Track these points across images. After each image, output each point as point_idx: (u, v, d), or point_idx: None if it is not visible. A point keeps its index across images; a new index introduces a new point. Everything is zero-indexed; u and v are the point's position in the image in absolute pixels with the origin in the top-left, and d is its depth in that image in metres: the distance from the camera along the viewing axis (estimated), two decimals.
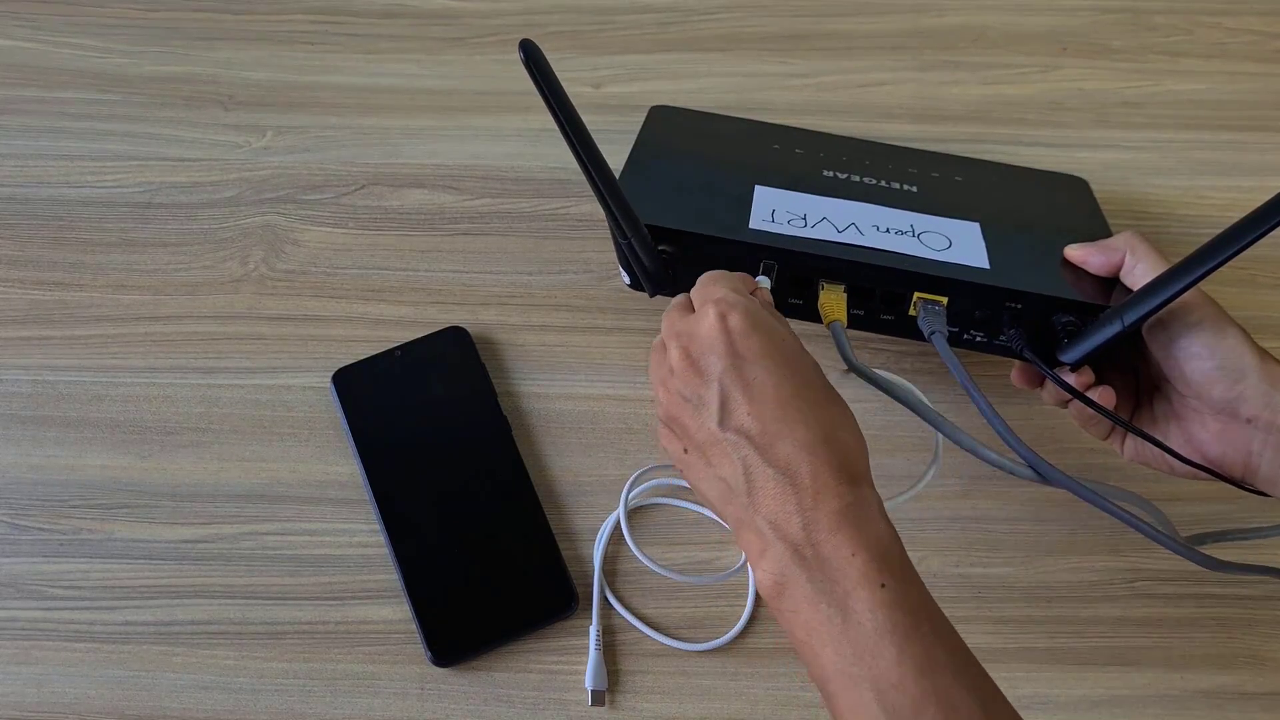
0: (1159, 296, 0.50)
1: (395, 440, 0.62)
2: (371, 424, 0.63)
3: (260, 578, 0.60)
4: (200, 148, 0.72)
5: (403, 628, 0.59)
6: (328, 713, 0.57)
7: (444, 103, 0.74)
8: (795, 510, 0.41)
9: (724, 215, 0.57)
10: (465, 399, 0.64)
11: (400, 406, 0.63)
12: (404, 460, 0.62)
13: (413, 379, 0.64)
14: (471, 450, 0.62)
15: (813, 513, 0.41)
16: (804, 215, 0.58)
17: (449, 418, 0.63)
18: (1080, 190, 0.68)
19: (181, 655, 0.58)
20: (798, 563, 0.41)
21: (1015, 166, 0.70)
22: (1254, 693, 0.59)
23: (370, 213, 0.70)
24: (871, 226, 0.58)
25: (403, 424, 0.63)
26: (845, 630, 0.39)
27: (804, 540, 0.41)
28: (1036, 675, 0.59)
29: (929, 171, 0.66)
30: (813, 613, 0.40)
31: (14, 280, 0.68)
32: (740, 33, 0.77)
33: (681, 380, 0.45)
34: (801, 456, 0.42)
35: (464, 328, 0.65)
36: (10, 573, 0.60)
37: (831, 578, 0.40)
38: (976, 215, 0.61)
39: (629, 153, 0.63)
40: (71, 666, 0.58)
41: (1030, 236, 0.61)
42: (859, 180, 0.63)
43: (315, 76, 0.75)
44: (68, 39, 0.76)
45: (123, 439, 0.63)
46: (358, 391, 0.63)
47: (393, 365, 0.64)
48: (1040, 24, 0.78)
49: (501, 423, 0.63)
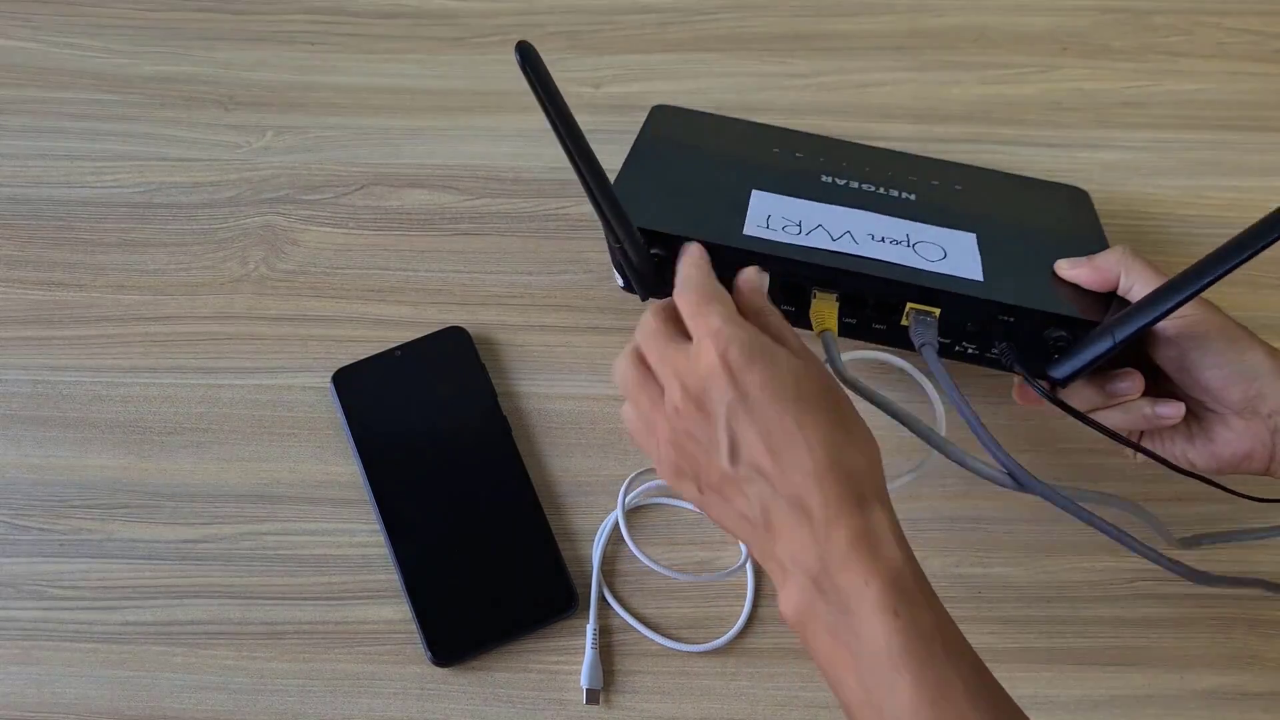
0: (1150, 314, 0.51)
1: (395, 440, 0.62)
2: (371, 424, 0.63)
3: (260, 578, 0.60)
4: (200, 148, 0.72)
5: (402, 628, 0.59)
6: (327, 713, 0.57)
7: (444, 103, 0.74)
8: (810, 542, 0.41)
9: (718, 220, 0.57)
10: (465, 399, 0.64)
11: (400, 407, 0.63)
12: (404, 460, 0.62)
13: (412, 379, 0.64)
14: (471, 450, 0.62)
15: (826, 544, 0.41)
16: (799, 222, 0.58)
17: (449, 418, 0.63)
18: (1080, 202, 0.68)
19: (181, 655, 0.58)
20: (817, 594, 0.41)
21: (1016, 176, 0.69)
22: (1254, 693, 0.59)
23: (370, 213, 0.70)
24: (866, 235, 0.57)
25: (402, 424, 0.63)
26: (862, 661, 0.40)
27: (820, 571, 0.41)
28: (1036, 675, 0.59)
29: (929, 179, 0.65)
30: (834, 643, 0.41)
31: (14, 280, 0.68)
32: (740, 33, 0.77)
33: (688, 421, 0.44)
34: (811, 486, 0.42)
35: (463, 328, 0.65)
36: (10, 573, 0.60)
37: (847, 608, 0.40)
38: (974, 226, 0.61)
39: (627, 153, 0.63)
40: (71, 667, 0.58)
41: (1027, 249, 0.61)
42: (857, 187, 0.62)
43: (315, 77, 0.75)
44: (68, 39, 0.76)
45: (123, 439, 0.63)
46: (358, 391, 0.63)
47: (392, 365, 0.64)
48: (1040, 24, 0.78)
49: (501, 423, 0.63)
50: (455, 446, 0.62)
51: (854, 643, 0.40)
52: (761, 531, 0.43)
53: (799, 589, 0.41)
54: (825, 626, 0.41)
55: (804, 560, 0.41)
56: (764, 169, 0.63)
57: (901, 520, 0.43)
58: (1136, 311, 0.51)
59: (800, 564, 0.41)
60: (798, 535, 0.41)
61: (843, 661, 0.40)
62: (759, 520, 0.43)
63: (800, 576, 0.41)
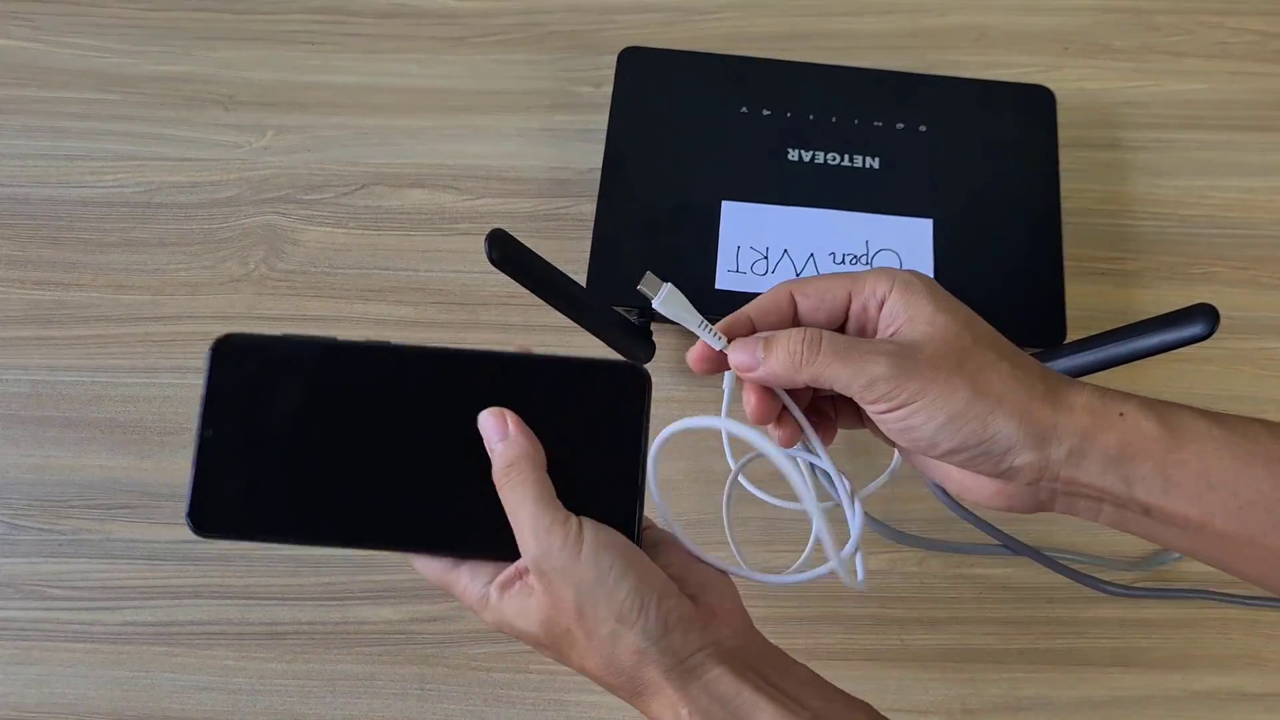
0: (1077, 359, 0.53)
1: None
2: None
3: (260, 578, 0.60)
4: (200, 147, 0.72)
5: (403, 628, 0.58)
6: (327, 713, 0.57)
7: (444, 102, 0.74)
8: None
9: (691, 274, 0.62)
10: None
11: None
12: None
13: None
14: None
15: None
16: (765, 250, 0.63)
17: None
18: (1042, 111, 0.69)
19: (181, 656, 0.58)
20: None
21: (977, 82, 0.70)
22: (1254, 693, 0.59)
23: (370, 212, 0.70)
24: (828, 257, 0.63)
25: None
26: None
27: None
28: (1037, 675, 0.59)
29: (894, 123, 0.68)
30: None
31: (13, 280, 0.68)
32: (741, 32, 0.77)
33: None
34: (611, 684, 0.41)
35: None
36: (9, 573, 0.60)
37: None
38: (932, 207, 0.65)
39: (604, 150, 0.66)
40: (71, 667, 0.58)
41: (981, 237, 0.64)
42: (823, 162, 0.66)
43: (315, 76, 0.75)
44: (68, 39, 0.76)
45: (122, 439, 0.63)
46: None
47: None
48: (1041, 24, 0.78)
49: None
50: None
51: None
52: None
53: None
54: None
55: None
56: (733, 155, 0.67)
57: (903, 520, 0.43)
58: (1064, 354, 0.54)
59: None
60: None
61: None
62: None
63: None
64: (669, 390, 0.65)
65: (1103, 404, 0.40)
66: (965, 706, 0.59)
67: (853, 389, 0.40)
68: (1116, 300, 0.68)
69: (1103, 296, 0.68)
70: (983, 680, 0.59)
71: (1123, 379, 0.64)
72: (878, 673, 0.59)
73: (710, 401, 0.65)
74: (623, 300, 0.62)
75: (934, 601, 0.61)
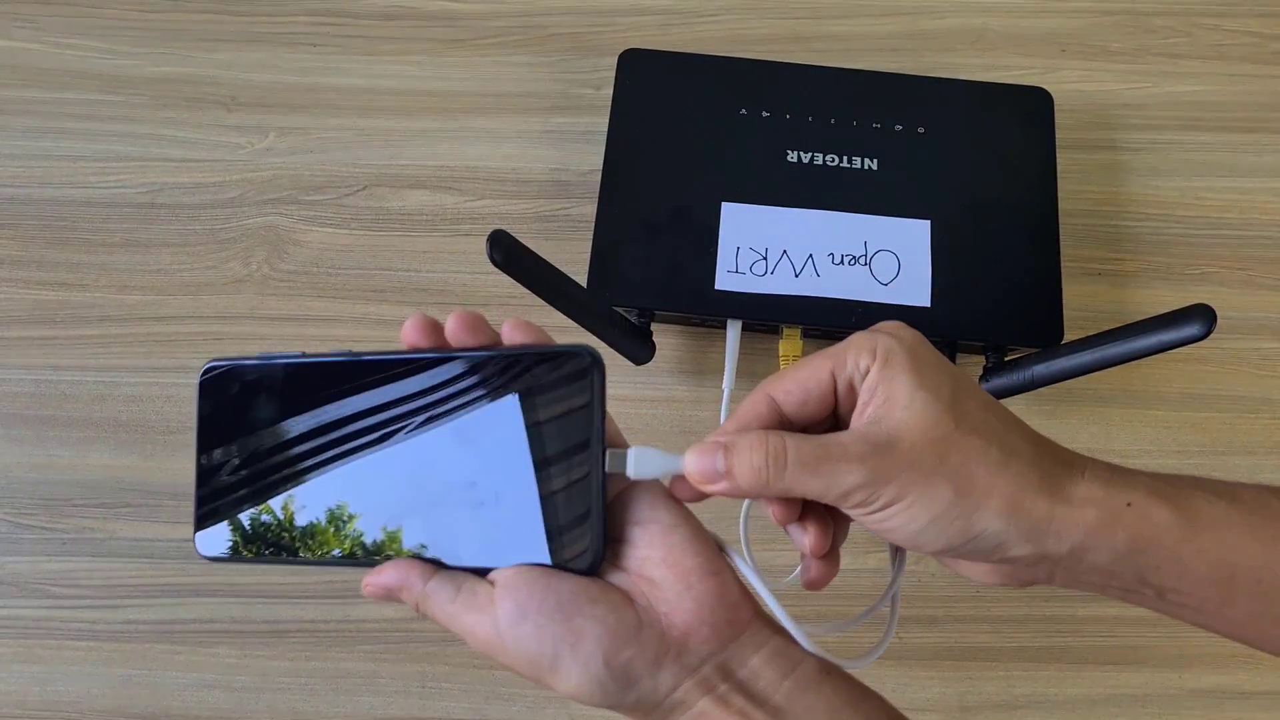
0: (1074, 360, 0.53)
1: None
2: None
3: (262, 576, 0.60)
4: (203, 149, 0.72)
5: (404, 626, 0.59)
6: (329, 711, 0.57)
7: (445, 104, 0.74)
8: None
9: (691, 274, 0.62)
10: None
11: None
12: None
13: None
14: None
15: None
16: (765, 251, 0.63)
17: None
18: (1039, 113, 0.69)
19: (184, 654, 0.58)
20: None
21: (976, 84, 0.70)
22: (1252, 692, 0.59)
23: (372, 213, 0.71)
24: (827, 258, 0.63)
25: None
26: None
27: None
28: (1035, 674, 0.59)
29: (892, 125, 0.68)
30: None
31: (17, 280, 0.68)
32: (740, 34, 0.77)
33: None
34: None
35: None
36: (13, 572, 0.60)
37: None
38: (931, 204, 0.65)
39: (604, 151, 0.66)
40: (74, 665, 0.58)
41: (979, 238, 0.64)
42: (822, 163, 0.66)
43: (317, 78, 0.75)
44: (70, 40, 0.76)
45: (125, 439, 0.63)
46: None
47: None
48: (1039, 26, 0.78)
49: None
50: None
51: None
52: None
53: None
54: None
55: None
56: (733, 156, 0.67)
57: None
58: (1061, 354, 0.54)
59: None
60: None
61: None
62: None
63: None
64: (669, 390, 0.66)
65: (1107, 494, 0.37)
66: (963, 704, 0.59)
67: (828, 499, 0.38)
68: (1114, 300, 0.68)
69: (1100, 297, 0.68)
70: (980, 678, 0.60)
71: (1120, 378, 0.64)
72: (875, 671, 0.60)
73: (710, 402, 0.65)
74: (623, 301, 0.62)
75: (931, 600, 0.61)
